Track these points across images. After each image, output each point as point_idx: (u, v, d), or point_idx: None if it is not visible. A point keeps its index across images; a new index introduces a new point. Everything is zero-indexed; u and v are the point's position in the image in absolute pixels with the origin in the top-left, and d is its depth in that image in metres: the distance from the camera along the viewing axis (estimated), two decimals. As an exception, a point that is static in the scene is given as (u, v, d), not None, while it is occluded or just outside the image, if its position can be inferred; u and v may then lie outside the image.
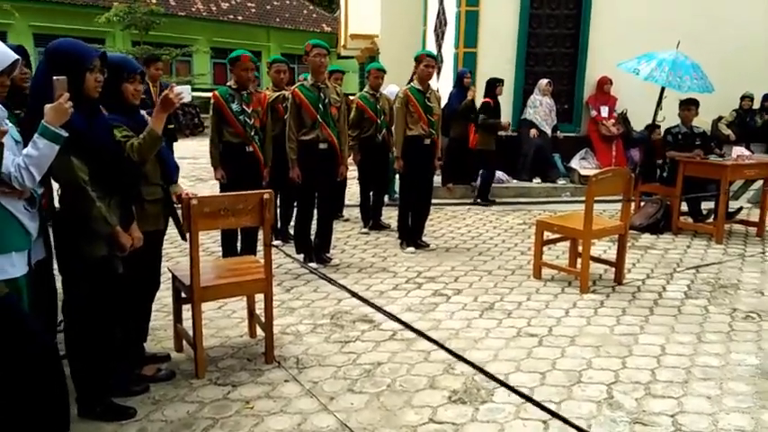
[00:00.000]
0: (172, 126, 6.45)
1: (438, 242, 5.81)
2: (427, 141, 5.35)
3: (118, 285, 2.58)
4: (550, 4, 8.65)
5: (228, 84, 4.45)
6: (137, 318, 2.92)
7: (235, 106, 4.36)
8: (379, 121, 6.07)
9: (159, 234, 2.92)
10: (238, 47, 22.97)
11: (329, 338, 3.50)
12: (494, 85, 7.53)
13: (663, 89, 6.13)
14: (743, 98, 8.97)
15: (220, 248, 4.84)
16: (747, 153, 6.21)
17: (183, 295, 3.16)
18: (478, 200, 7.71)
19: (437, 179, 7.77)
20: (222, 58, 19.53)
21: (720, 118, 8.93)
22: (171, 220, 2.97)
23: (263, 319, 3.17)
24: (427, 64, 5.26)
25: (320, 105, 4.70)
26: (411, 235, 5.58)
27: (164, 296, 3.60)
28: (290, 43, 23.10)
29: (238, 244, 4.72)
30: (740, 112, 8.99)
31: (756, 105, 9.09)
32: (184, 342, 3.21)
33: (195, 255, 2.84)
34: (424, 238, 5.70)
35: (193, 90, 4.32)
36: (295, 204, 5.28)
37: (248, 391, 2.86)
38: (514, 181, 8.41)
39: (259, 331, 3.40)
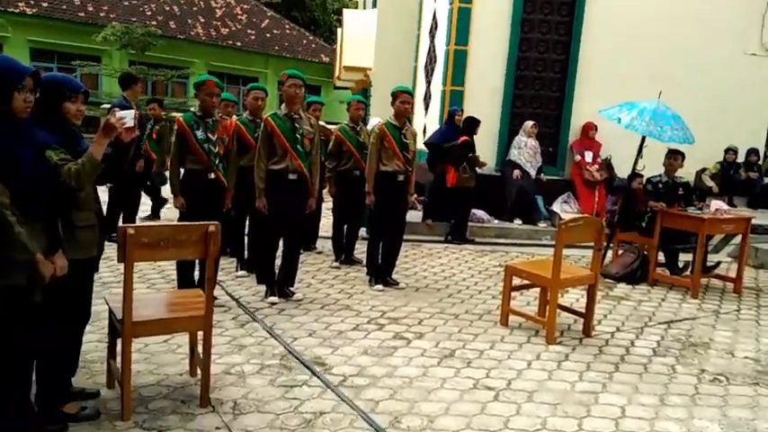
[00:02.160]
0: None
1: (409, 280, 5.65)
2: (401, 178, 5.26)
3: (38, 316, 2.42)
4: (539, 48, 8.69)
5: (193, 110, 4.35)
6: (61, 350, 2.73)
7: (199, 134, 4.25)
8: (359, 155, 5.94)
9: (91, 261, 2.76)
10: (236, 71, 23.33)
11: (274, 381, 3.32)
12: (473, 125, 7.49)
13: (643, 138, 6.07)
14: (727, 151, 8.97)
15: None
16: (726, 207, 6.13)
17: (120, 328, 2.99)
18: (449, 237, 7.59)
19: (418, 215, 7.68)
20: (220, 81, 19.62)
21: (704, 169, 8.91)
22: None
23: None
24: (403, 100, 5.19)
25: (293, 135, 4.61)
26: (380, 272, 5.43)
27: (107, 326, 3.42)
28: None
29: (197, 272, 4.57)
30: (724, 165, 8.98)
31: (741, 159, 9.09)
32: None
33: (128, 288, 2.67)
34: (394, 276, 5.55)
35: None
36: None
37: (174, 438, 2.67)
38: (496, 221, 8.30)
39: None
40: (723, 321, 4.95)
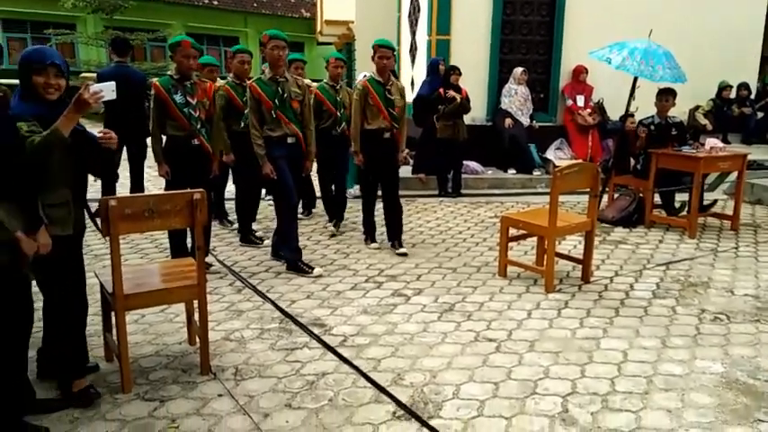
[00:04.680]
0: None
1: (405, 236, 5.57)
2: (387, 135, 5.06)
3: (25, 294, 2.35)
4: (525, -10, 8.43)
5: (170, 73, 4.17)
6: (61, 328, 2.66)
7: (178, 98, 4.08)
8: (339, 114, 5.78)
9: (70, 239, 2.62)
10: (215, 32, 22.71)
11: (275, 345, 3.29)
12: (448, 74, 7.31)
13: (636, 78, 5.92)
14: (722, 87, 8.82)
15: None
16: (721, 145, 6.04)
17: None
18: (442, 192, 7.50)
19: (407, 169, 7.56)
20: (199, 43, 19.04)
21: (698, 107, 8.80)
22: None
23: (200, 326, 2.95)
24: (381, 55, 4.90)
25: (276, 100, 4.42)
26: (389, 233, 5.20)
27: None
28: (269, 29, 22.67)
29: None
30: (717, 102, 8.86)
31: (734, 95, 8.97)
32: (114, 352, 2.98)
33: (117, 261, 2.59)
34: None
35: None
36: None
37: (177, 408, 2.63)
38: (489, 171, 8.22)
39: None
40: (721, 260, 4.94)
